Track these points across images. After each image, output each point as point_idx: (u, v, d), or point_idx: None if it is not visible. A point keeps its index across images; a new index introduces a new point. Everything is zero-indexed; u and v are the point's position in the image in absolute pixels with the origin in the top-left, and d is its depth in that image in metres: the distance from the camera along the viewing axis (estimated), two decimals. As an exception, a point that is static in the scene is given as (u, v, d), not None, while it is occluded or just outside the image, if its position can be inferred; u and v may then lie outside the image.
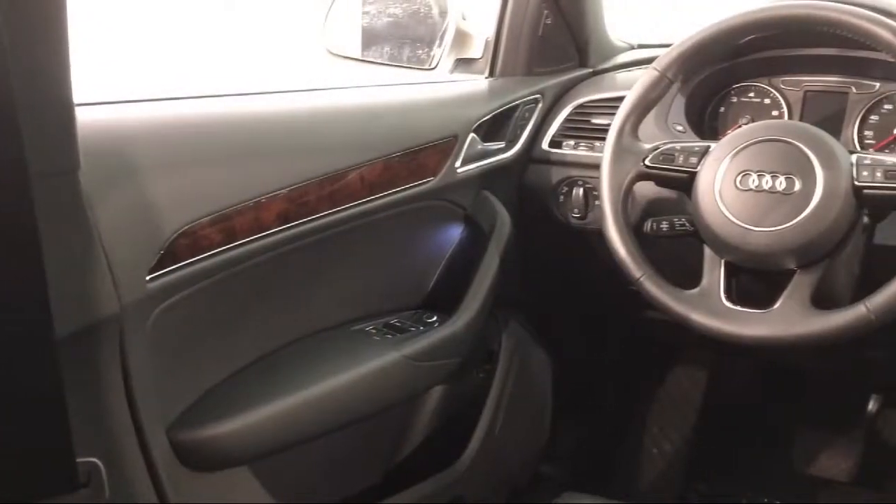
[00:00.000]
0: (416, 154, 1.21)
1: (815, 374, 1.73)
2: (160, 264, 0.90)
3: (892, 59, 1.04)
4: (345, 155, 1.11)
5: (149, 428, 0.91)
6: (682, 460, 1.79)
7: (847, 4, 1.07)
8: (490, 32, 1.47)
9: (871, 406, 1.70)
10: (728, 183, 1.08)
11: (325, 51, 1.47)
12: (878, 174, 1.02)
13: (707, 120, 1.42)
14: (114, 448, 0.87)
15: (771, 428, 1.80)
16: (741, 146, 1.09)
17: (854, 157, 1.05)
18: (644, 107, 1.17)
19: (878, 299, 0.98)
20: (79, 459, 0.72)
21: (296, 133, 1.11)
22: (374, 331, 1.22)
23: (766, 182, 1.06)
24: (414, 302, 1.34)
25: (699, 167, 1.12)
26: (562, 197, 1.42)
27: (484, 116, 1.34)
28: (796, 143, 1.06)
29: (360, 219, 1.15)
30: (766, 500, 1.75)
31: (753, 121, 1.35)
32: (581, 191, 1.39)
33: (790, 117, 1.37)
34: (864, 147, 1.31)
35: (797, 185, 1.04)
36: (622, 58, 1.61)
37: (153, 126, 0.96)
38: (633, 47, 1.67)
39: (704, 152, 1.13)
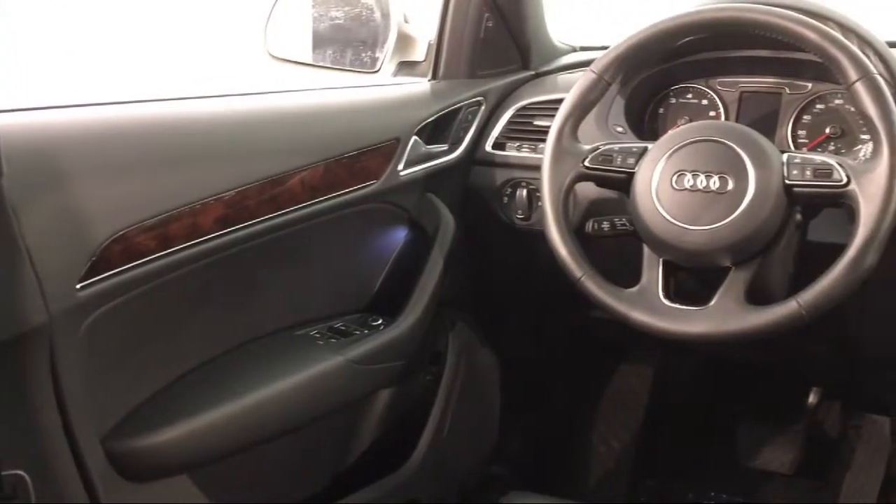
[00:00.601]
0: (357, 157, 1.21)
1: (758, 369, 1.76)
2: (92, 272, 0.88)
3: (820, 60, 1.06)
4: (285, 159, 1.10)
5: (82, 438, 0.89)
6: (631, 457, 1.81)
7: (775, 6, 1.10)
8: (433, 35, 1.47)
9: (811, 399, 1.74)
10: (664, 183, 1.09)
11: (267, 54, 1.46)
12: (808, 172, 1.04)
13: (647, 121, 1.44)
14: (44, 460, 0.85)
15: (717, 423, 1.83)
16: (676, 147, 1.11)
17: (785, 157, 1.07)
18: (583, 109, 1.19)
19: (809, 295, 1.00)
20: (4, 472, 0.70)
21: (234, 137, 1.10)
22: (318, 335, 1.21)
23: (701, 181, 1.07)
24: (359, 305, 1.34)
25: (637, 168, 1.13)
26: (506, 198, 1.43)
27: (426, 119, 1.34)
28: (729, 143, 1.08)
29: (301, 222, 1.14)
30: (712, 493, 1.78)
31: (692, 121, 1.37)
32: (525, 192, 1.40)
33: (727, 118, 1.39)
34: (797, 146, 1.34)
35: (730, 185, 1.05)
36: (565, 60, 1.63)
37: (82, 131, 0.94)
38: (575, 49, 1.69)
39: (642, 153, 1.14)
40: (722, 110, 1.40)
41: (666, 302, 1.09)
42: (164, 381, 1.05)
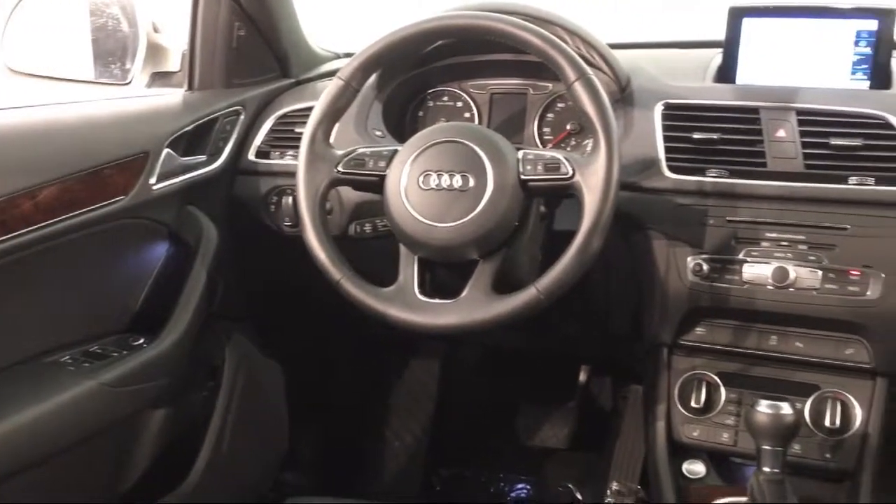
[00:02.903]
0: (97, 173, 1.16)
1: (533, 354, 1.87)
2: None
3: (542, 61, 1.14)
4: (10, 179, 1.04)
5: None
6: (424, 449, 1.87)
7: (506, 13, 1.17)
8: (186, 45, 1.44)
9: (582, 377, 1.87)
10: (412, 183, 1.13)
11: (6, 69, 1.38)
12: (540, 167, 1.11)
13: (407, 124, 1.49)
14: None
15: (501, 408, 1.93)
16: (422, 148, 1.15)
17: (520, 153, 1.14)
18: (333, 115, 1.20)
19: (545, 281, 1.07)
20: None
21: None
22: (69, 360, 1.16)
23: (445, 181, 1.12)
24: (119, 326, 1.29)
25: (388, 170, 1.17)
26: (273, 207, 1.43)
27: (179, 131, 1.31)
28: (468, 143, 1.13)
29: (40, 244, 1.08)
30: (501, 475, 1.88)
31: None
32: (291, 199, 1.41)
33: (479, 118, 1.47)
34: (544, 143, 1.43)
35: (471, 182, 1.11)
36: (327, 67, 1.64)
37: None
38: (339, 56, 1.72)
39: (392, 156, 1.18)
40: (475, 111, 1.47)
41: (421, 297, 1.14)
42: None
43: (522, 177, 1.11)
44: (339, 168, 1.19)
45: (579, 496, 1.82)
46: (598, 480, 1.76)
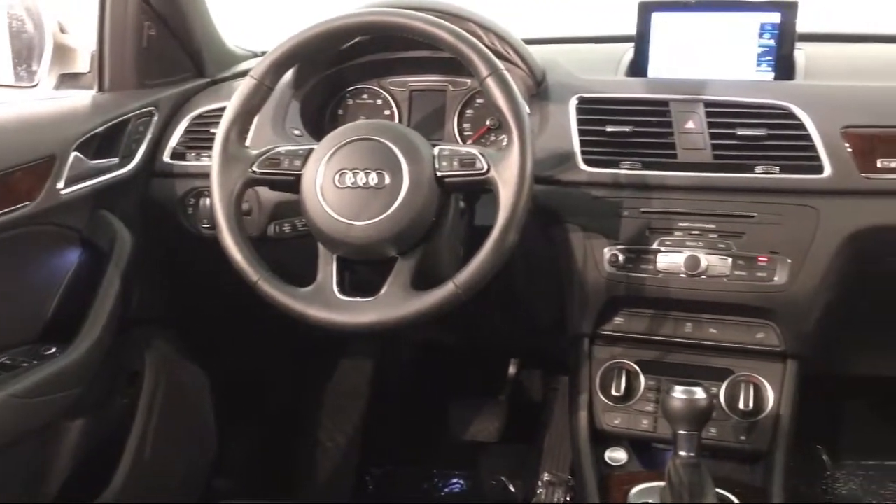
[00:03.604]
0: (0, 179, 1.12)
1: (464, 349, 1.87)
2: None
3: (455, 57, 1.14)
4: None
5: None
6: (357, 449, 1.86)
7: (417, 9, 1.16)
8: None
9: (512, 370, 1.89)
10: (328, 182, 1.13)
11: None
12: (455, 163, 1.12)
13: (327, 123, 1.48)
14: None
15: (432, 404, 1.93)
16: (337, 146, 1.14)
17: (436, 150, 1.14)
18: (246, 115, 1.19)
19: (463, 276, 1.08)
20: None
21: None
22: None
23: (361, 178, 1.12)
24: (30, 335, 1.25)
25: (303, 169, 1.16)
26: (190, 209, 1.41)
27: (88, 133, 1.28)
28: (383, 140, 1.13)
29: None
30: (434, 471, 1.88)
31: None
32: (208, 201, 1.39)
33: (399, 116, 1.47)
34: (464, 138, 1.43)
35: (387, 180, 1.11)
36: (244, 66, 1.62)
37: None
38: (256, 55, 1.69)
39: (307, 155, 1.16)
40: (395, 109, 1.47)
41: (340, 296, 1.13)
42: None
43: (438, 173, 1.12)
44: (254, 168, 1.17)
45: (512, 488, 1.84)
46: (530, 472, 1.78)
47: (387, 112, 1.47)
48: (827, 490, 1.73)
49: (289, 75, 1.39)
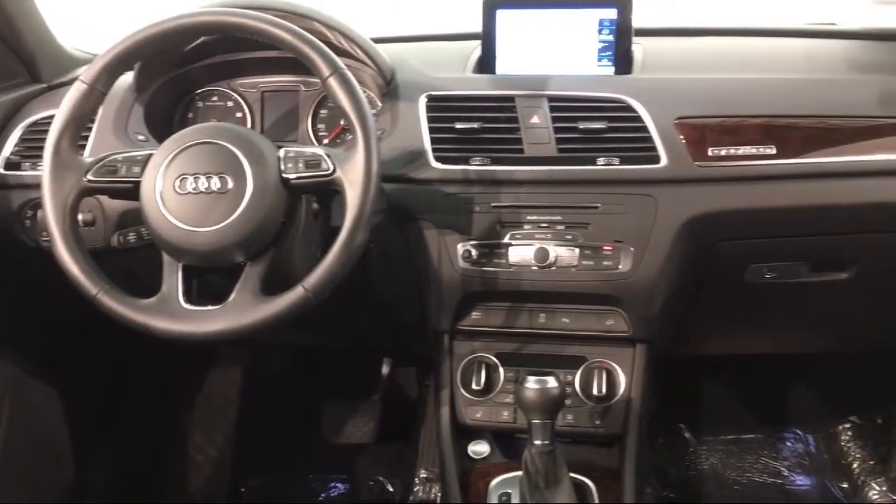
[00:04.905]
0: None
1: (336, 352, 1.86)
2: None
3: (297, 57, 1.12)
4: None
5: None
6: (229, 460, 1.82)
7: (256, 9, 1.13)
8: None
9: (385, 369, 1.88)
10: (168, 188, 1.09)
11: None
12: (301, 165, 1.10)
13: (175, 127, 1.42)
14: None
15: (307, 408, 1.91)
16: (176, 151, 1.10)
17: (282, 152, 1.12)
18: (77, 121, 1.13)
19: (312, 279, 1.06)
20: None
21: None
22: None
23: (203, 183, 1.08)
24: None
25: (142, 176, 1.11)
26: (28, 221, 1.34)
27: None
28: (224, 143, 1.10)
29: None
30: (311, 476, 1.86)
31: None
32: None
33: (251, 117, 1.43)
34: (319, 139, 1.42)
35: (230, 184, 1.08)
36: (84, 69, 1.54)
37: None
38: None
39: (146, 161, 1.12)
40: (247, 111, 1.44)
41: (186, 306, 1.09)
42: None
43: (284, 175, 1.10)
44: (89, 177, 1.12)
45: (390, 488, 1.84)
46: (407, 470, 1.78)
47: (238, 114, 1.44)
48: (690, 466, 1.81)
49: (128, 78, 1.34)
